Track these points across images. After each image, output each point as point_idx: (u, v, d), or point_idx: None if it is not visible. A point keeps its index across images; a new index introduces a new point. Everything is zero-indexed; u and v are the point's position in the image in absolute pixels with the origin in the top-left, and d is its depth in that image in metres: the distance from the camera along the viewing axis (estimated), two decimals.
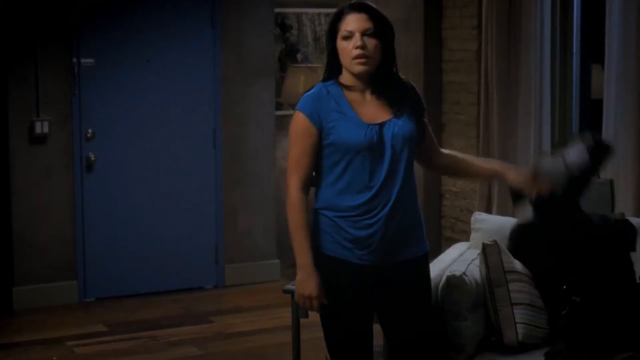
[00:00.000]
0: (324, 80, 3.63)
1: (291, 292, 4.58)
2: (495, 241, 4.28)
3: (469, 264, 4.31)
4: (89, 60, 6.80)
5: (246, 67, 7.30)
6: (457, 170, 3.93)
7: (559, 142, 7.00)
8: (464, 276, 4.13)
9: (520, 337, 4.13)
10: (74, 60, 6.76)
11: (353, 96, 3.58)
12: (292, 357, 4.62)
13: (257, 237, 7.42)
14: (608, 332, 4.12)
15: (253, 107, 7.34)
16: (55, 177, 6.77)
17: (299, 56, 7.82)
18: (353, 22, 3.52)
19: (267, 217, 7.44)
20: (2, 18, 6.58)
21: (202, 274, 7.28)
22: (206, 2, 7.14)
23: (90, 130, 6.84)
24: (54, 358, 5.76)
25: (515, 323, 4.15)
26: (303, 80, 7.77)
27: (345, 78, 3.58)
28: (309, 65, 7.80)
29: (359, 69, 3.51)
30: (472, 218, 4.78)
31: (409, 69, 7.67)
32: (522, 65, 6.95)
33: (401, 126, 3.54)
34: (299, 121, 3.55)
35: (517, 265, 4.31)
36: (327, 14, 7.89)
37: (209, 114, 7.21)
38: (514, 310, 4.17)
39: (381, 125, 3.54)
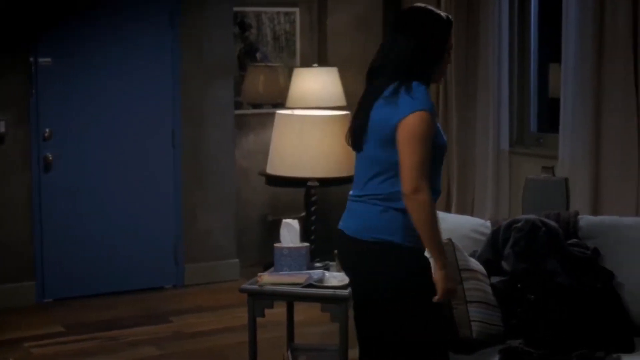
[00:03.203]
0: (427, 85, 3.56)
1: (247, 292, 4.59)
2: (450, 239, 4.29)
3: None
4: (47, 59, 6.75)
5: (206, 67, 7.28)
6: None
7: (517, 140, 7.06)
8: None
9: (474, 335, 4.15)
10: (32, 59, 6.70)
11: None
12: (249, 356, 4.61)
13: (217, 237, 7.41)
14: (562, 330, 4.16)
15: (213, 107, 7.32)
16: (13, 177, 6.72)
17: (258, 55, 7.81)
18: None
19: (226, 216, 7.43)
20: None
21: (161, 274, 7.25)
22: (165, 2, 7.11)
23: (47, 130, 6.79)
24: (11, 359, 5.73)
25: (470, 321, 4.17)
26: (262, 80, 7.77)
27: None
28: (269, 64, 7.80)
29: (440, 81, 3.69)
30: None
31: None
32: (480, 65, 7.00)
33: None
34: (429, 120, 3.45)
35: (472, 263, 4.34)
36: (286, 13, 7.88)
37: (168, 114, 7.18)
38: (469, 308, 4.19)
39: None
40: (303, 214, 7.67)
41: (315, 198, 4.88)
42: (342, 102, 7.53)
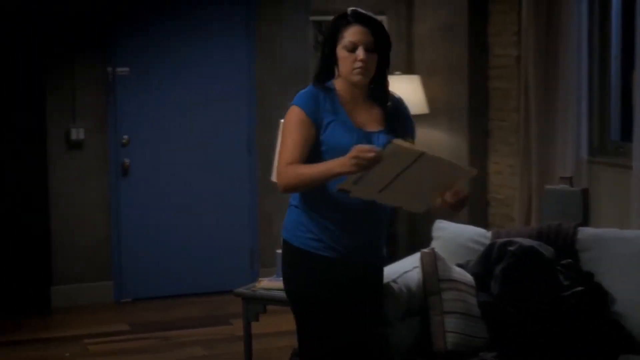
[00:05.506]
0: (316, 83, 3.64)
1: (241, 296, 4.68)
2: (432, 249, 4.26)
3: (407, 272, 4.28)
4: (124, 68, 7.03)
5: (281, 75, 7.39)
6: None
7: (598, 149, 6.82)
8: (392, 284, 4.11)
9: (449, 346, 4.09)
10: (110, 69, 7.00)
11: (346, 101, 3.63)
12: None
13: None
14: (539, 346, 4.04)
15: None
16: (92, 181, 7.03)
17: None
18: (358, 35, 3.54)
19: None
20: (40, 30, 6.87)
21: (237, 278, 7.37)
22: (241, 10, 7.26)
23: (125, 137, 7.07)
24: (67, 355, 5.99)
25: (445, 331, 4.11)
26: None
27: (340, 84, 3.63)
28: None
29: (357, 79, 3.56)
30: (434, 226, 4.74)
31: (453, 75, 7.61)
32: (560, 72, 6.81)
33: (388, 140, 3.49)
34: (296, 114, 3.57)
35: (456, 274, 4.26)
36: None
37: (243, 121, 7.34)
38: (445, 319, 4.13)
39: (370, 134, 3.59)
40: None
41: None
42: (425, 109, 7.49)
